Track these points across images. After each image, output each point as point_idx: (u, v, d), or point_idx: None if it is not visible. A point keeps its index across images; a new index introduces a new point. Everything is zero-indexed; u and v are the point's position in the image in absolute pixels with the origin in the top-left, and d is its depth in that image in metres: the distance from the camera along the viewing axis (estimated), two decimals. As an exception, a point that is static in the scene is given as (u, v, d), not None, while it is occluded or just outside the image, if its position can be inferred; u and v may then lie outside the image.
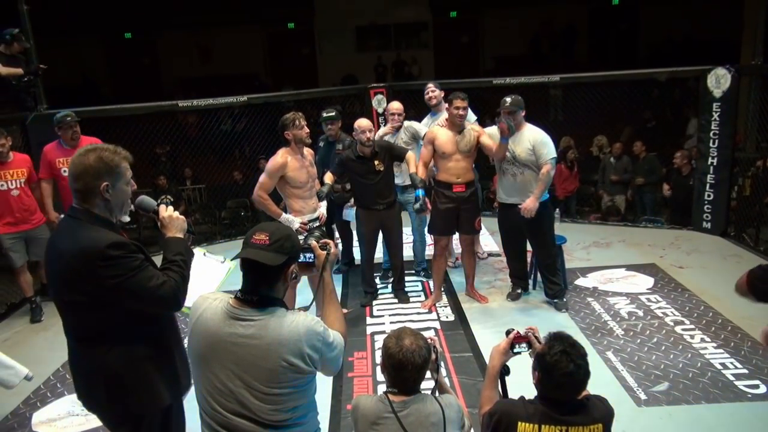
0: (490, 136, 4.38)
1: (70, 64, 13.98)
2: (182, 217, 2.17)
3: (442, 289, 4.92)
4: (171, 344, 2.10)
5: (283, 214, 4.09)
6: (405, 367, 1.97)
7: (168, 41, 16.49)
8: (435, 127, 4.50)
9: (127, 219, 2.13)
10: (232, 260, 2.30)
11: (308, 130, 4.08)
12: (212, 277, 2.58)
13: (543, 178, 4.25)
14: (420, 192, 4.33)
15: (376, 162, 4.42)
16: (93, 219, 1.96)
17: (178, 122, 7.58)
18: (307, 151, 4.20)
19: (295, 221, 4.04)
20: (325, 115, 5.00)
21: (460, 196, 4.42)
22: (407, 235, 5.33)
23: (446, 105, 4.44)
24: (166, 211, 2.14)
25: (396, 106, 5.06)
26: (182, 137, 7.62)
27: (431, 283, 5.03)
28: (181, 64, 16.44)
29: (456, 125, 4.35)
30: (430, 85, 5.18)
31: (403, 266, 4.91)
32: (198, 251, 2.57)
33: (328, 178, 4.45)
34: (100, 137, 5.15)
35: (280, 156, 4.02)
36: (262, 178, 4.05)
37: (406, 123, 5.04)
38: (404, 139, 4.96)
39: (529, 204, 4.23)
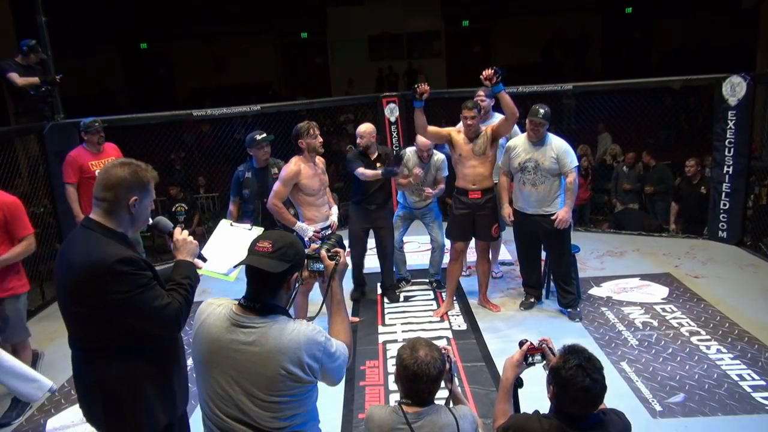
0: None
1: (86, 74, 14.19)
2: (195, 242, 2.20)
3: (454, 298, 4.91)
4: (171, 364, 2.09)
5: (298, 222, 4.11)
6: (420, 378, 1.96)
7: (183, 51, 16.71)
8: (453, 132, 4.48)
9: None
10: (235, 267, 2.33)
11: (321, 140, 4.13)
12: (242, 244, 2.60)
13: (570, 187, 4.28)
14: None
15: (378, 164, 4.63)
16: (108, 232, 1.97)
17: (193, 131, 7.67)
18: (319, 160, 4.23)
19: (309, 230, 4.06)
20: (258, 137, 4.40)
21: (475, 202, 4.42)
22: (423, 244, 5.33)
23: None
24: (181, 234, 2.18)
25: (423, 142, 4.77)
26: (196, 146, 7.70)
27: (443, 294, 5.02)
28: (196, 74, 16.63)
29: (469, 134, 4.36)
30: (481, 93, 4.91)
31: (392, 267, 5.06)
32: (225, 222, 2.65)
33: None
34: (116, 145, 5.23)
35: (294, 164, 4.05)
36: (277, 186, 4.08)
37: (438, 157, 4.92)
38: (433, 175, 4.92)
39: (563, 215, 4.27)
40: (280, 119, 7.03)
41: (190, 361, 2.11)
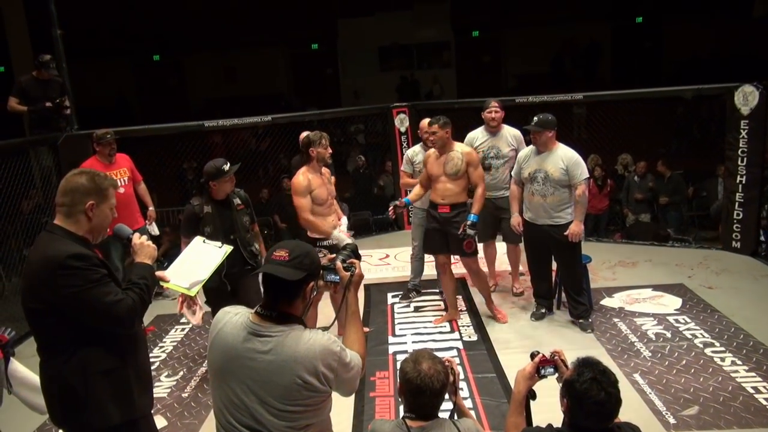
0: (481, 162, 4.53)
1: (100, 85, 14.39)
2: (153, 245, 2.28)
3: (465, 308, 4.90)
4: (127, 361, 2.12)
5: (333, 231, 4.08)
6: (423, 392, 1.94)
7: (194, 62, 16.88)
8: (430, 149, 4.49)
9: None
10: (252, 274, 2.40)
11: (331, 151, 4.14)
12: (209, 260, 2.70)
13: (580, 200, 4.24)
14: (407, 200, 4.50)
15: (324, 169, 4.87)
16: (67, 234, 2.05)
17: (205, 141, 7.74)
18: (324, 170, 4.24)
19: (345, 238, 4.04)
20: (227, 168, 3.70)
21: (444, 217, 4.38)
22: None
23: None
24: (139, 239, 2.26)
25: (423, 123, 4.90)
26: (208, 156, 7.76)
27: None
28: (207, 85, 16.79)
29: (438, 149, 4.35)
30: (495, 104, 4.87)
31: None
32: (198, 239, 2.74)
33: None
34: (128, 156, 5.29)
35: (302, 175, 4.06)
36: (298, 201, 4.02)
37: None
38: None
39: (574, 229, 4.24)
40: (290, 130, 7.08)
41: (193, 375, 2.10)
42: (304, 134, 4.56)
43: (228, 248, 2.78)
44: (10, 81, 6.08)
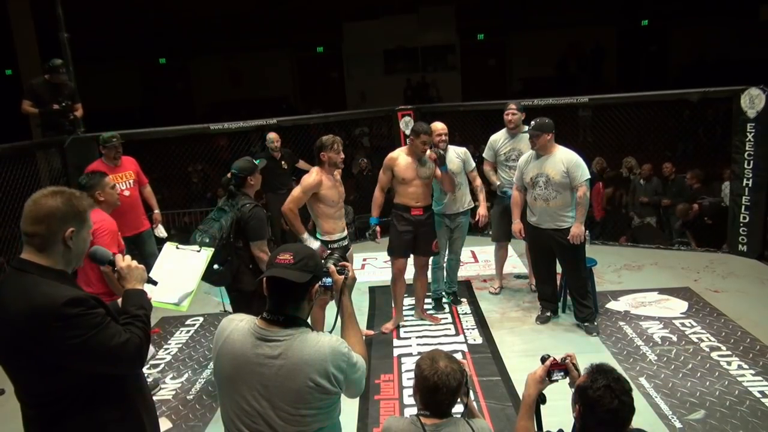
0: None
1: (106, 88, 14.46)
2: (141, 266, 2.00)
3: (470, 311, 4.90)
4: (136, 400, 1.90)
5: (305, 234, 4.10)
6: (440, 390, 1.95)
7: (200, 66, 16.96)
8: (396, 152, 4.47)
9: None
10: (257, 279, 2.32)
11: (343, 156, 4.15)
12: (191, 268, 2.45)
13: (582, 202, 4.24)
14: (373, 220, 4.52)
15: (282, 162, 6.25)
16: (45, 272, 1.74)
17: (210, 144, 7.78)
18: (337, 172, 4.24)
19: (315, 243, 4.05)
20: (258, 161, 3.82)
21: (418, 219, 4.42)
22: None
23: (411, 137, 4.38)
24: (124, 261, 1.97)
25: (439, 126, 4.76)
26: (214, 159, 7.80)
27: (459, 308, 5.01)
28: (213, 89, 16.86)
29: (418, 155, 4.35)
30: (512, 106, 4.94)
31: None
32: (170, 245, 2.46)
33: None
34: (134, 159, 5.31)
35: (315, 174, 4.06)
36: (296, 192, 4.07)
37: (461, 150, 4.86)
38: (457, 164, 4.77)
39: (576, 231, 4.24)
40: (295, 132, 7.11)
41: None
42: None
43: (209, 251, 2.53)
44: (16, 84, 6.12)
